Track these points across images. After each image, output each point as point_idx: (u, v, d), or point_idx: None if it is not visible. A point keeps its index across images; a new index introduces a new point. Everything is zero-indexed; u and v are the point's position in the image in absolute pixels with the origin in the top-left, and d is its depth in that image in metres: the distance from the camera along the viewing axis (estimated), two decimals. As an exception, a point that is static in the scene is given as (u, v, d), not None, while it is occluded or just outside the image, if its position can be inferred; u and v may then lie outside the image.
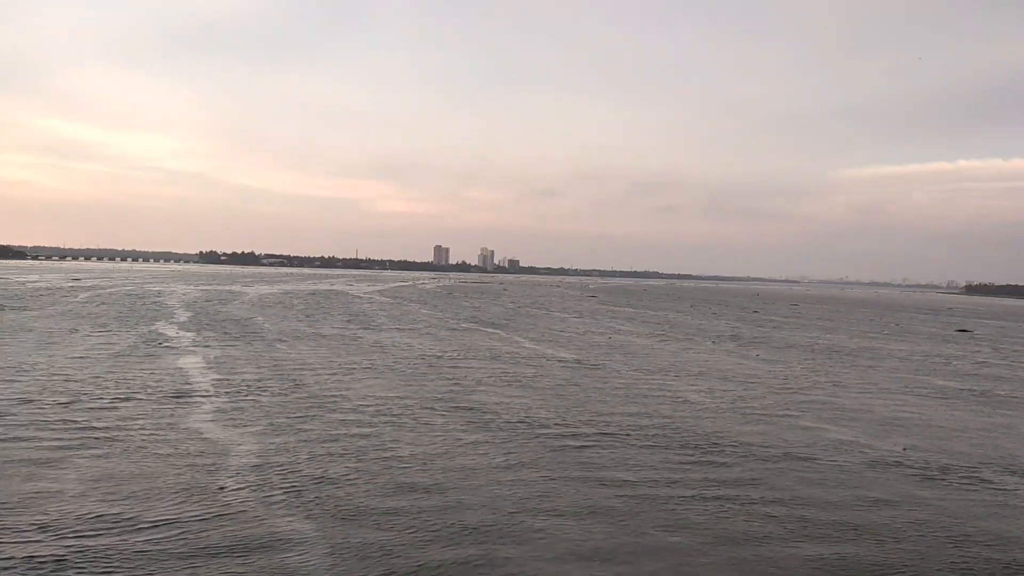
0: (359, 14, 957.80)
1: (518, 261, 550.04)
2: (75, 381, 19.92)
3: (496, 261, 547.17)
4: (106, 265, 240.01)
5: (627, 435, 15.91)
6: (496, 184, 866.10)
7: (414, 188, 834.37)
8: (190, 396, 18.51)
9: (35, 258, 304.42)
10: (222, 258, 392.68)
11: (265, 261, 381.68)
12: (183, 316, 44.22)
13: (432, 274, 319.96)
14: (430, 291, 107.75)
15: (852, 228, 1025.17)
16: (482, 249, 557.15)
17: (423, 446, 14.28)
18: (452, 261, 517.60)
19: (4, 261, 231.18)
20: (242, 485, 11.37)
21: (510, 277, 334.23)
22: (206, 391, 19.30)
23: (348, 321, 45.18)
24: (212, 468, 12.24)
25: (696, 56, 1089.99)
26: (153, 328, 36.10)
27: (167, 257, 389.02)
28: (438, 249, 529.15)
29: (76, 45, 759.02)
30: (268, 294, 77.11)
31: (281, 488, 11.29)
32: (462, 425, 16.30)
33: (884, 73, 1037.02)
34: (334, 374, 23.06)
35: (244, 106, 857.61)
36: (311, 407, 17.62)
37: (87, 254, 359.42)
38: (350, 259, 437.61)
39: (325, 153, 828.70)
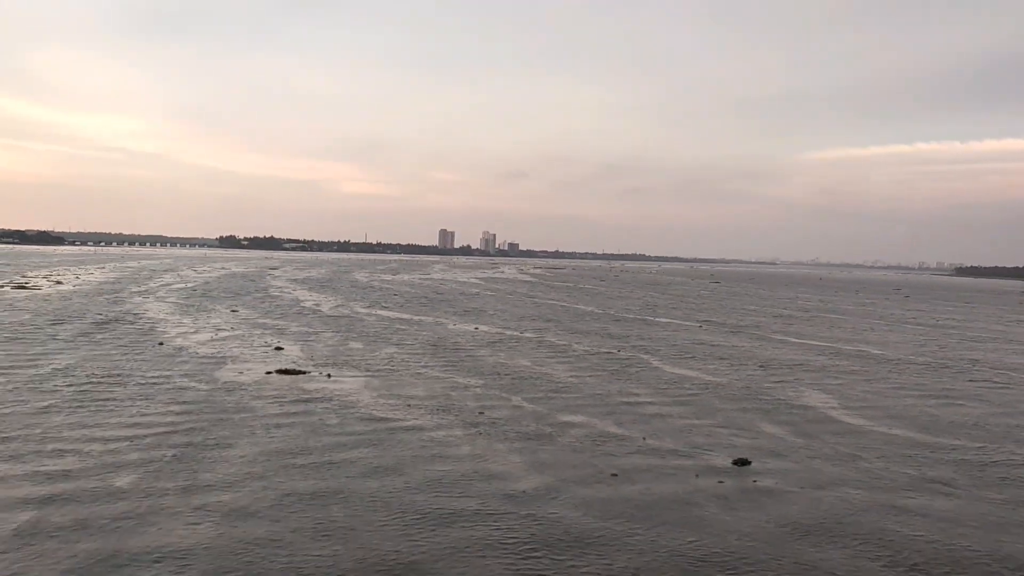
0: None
1: (517, 245, 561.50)
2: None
3: (497, 245, 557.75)
4: (145, 250, 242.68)
5: None
6: (463, 166, 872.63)
7: (379, 170, 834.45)
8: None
9: (71, 243, 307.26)
10: (243, 242, 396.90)
11: (287, 246, 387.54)
12: (590, 310, 55.50)
13: (477, 259, 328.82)
14: (601, 282, 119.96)
15: (817, 210, 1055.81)
16: (484, 233, 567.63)
17: None
18: (456, 245, 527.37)
19: (48, 247, 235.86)
20: None
21: (535, 261, 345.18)
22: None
23: (716, 317, 57.05)
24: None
25: (663, 39, 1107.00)
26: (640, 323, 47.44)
27: (191, 243, 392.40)
28: (443, 233, 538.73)
29: (33, 24, 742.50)
30: (500, 280, 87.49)
31: None
32: None
33: (844, 58, 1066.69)
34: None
35: (204, 87, 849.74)
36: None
37: (118, 240, 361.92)
38: (363, 243, 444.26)
39: (288, 135, 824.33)
